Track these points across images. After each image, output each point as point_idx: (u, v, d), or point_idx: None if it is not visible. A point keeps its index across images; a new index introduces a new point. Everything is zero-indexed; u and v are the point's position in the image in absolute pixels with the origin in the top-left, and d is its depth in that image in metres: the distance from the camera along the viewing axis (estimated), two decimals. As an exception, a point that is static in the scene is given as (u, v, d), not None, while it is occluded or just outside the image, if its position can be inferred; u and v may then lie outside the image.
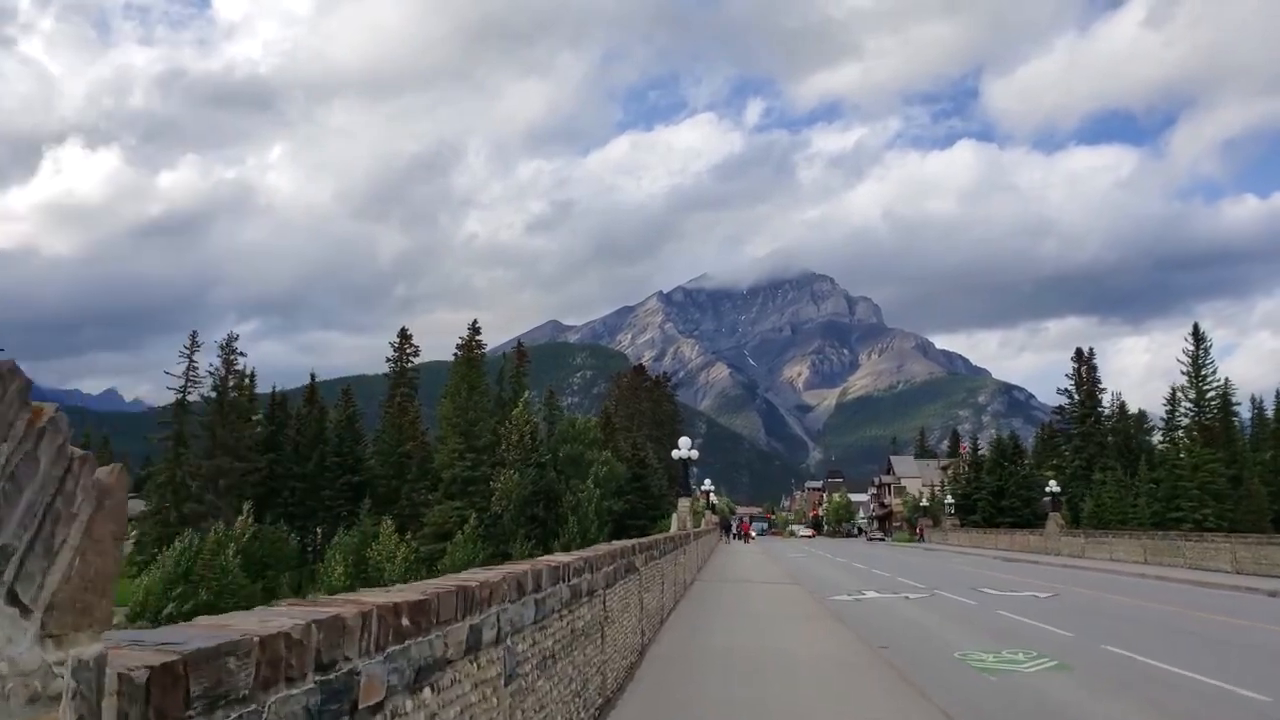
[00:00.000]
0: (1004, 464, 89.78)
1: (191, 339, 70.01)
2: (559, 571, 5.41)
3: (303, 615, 2.32)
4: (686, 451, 28.56)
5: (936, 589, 24.43)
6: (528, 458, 65.68)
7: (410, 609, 2.90)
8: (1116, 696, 9.59)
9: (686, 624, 14.21)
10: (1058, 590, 24.11)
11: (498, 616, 4.00)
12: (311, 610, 2.44)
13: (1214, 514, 68.09)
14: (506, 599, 4.17)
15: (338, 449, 74.79)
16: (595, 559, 6.85)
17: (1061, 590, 24.24)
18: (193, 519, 65.14)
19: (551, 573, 5.20)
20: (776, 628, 14.26)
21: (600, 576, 7.16)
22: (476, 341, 69.61)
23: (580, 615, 6.20)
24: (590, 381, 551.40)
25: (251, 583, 61.40)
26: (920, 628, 15.94)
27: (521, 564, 5.06)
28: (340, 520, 69.87)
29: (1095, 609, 19.76)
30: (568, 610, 5.72)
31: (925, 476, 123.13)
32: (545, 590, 5.02)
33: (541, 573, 4.93)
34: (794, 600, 19.90)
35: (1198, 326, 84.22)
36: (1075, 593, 23.90)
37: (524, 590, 4.52)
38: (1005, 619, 17.14)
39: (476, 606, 3.66)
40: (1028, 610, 18.67)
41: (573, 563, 5.92)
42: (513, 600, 4.30)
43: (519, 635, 4.44)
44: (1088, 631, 14.81)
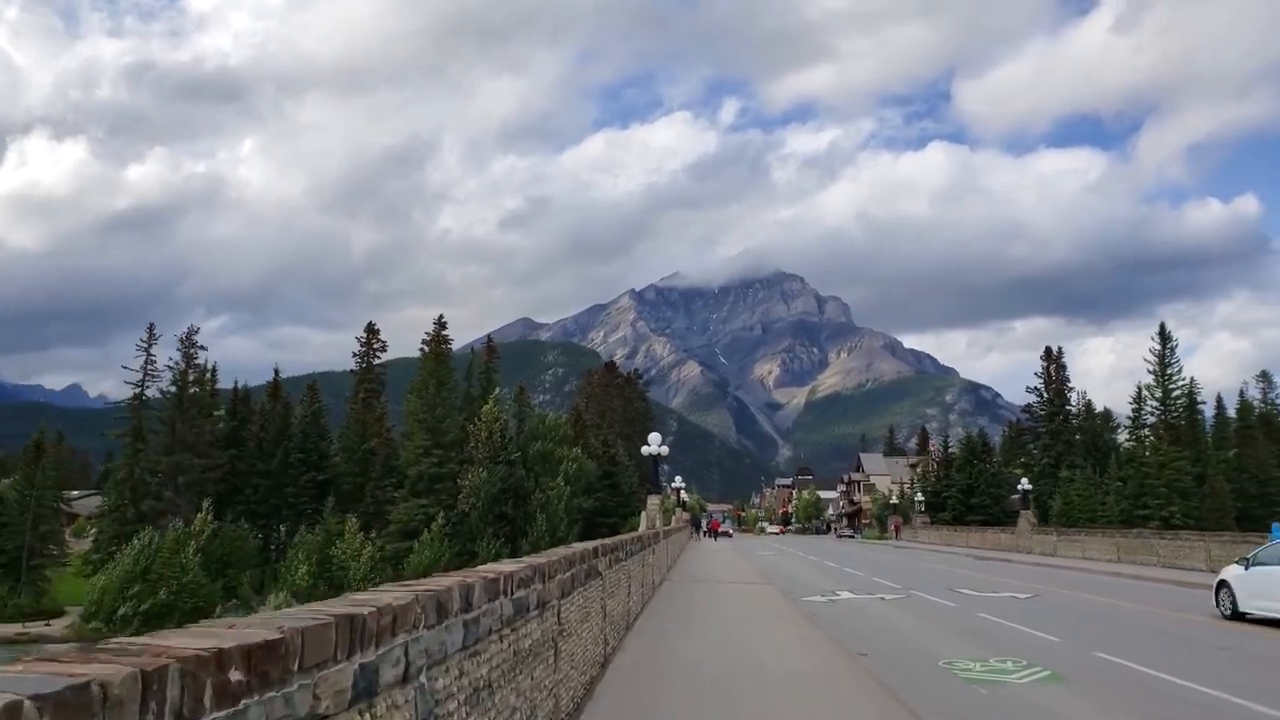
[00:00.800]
0: (974, 462, 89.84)
1: (149, 332, 68.27)
2: (498, 584, 4.56)
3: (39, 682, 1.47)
4: (656, 447, 27.51)
5: (912, 589, 23.77)
6: (496, 455, 64.68)
7: (249, 655, 2.06)
8: (1121, 713, 8.90)
9: (654, 629, 13.41)
10: (1038, 591, 23.50)
11: (405, 648, 3.16)
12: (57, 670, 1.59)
13: (1180, 511, 68.46)
14: (420, 624, 3.33)
15: (302, 445, 73.36)
16: (547, 566, 6.00)
17: (1041, 591, 23.64)
18: (151, 516, 63.60)
19: (488, 586, 4.35)
20: (749, 633, 13.48)
21: (554, 585, 6.31)
22: (443, 336, 68.47)
23: (527, 632, 5.36)
24: (562, 379, 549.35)
25: (212, 581, 60.08)
26: (899, 632, 15.22)
27: (447, 577, 4.20)
28: (304, 518, 68.61)
29: (1077, 611, 19.16)
30: (510, 629, 4.88)
31: (894, 474, 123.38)
32: (479, 608, 4.17)
33: (474, 587, 4.08)
34: (766, 602, 19.15)
35: (1164, 326, 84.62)
36: (1055, 593, 23.32)
37: (448, 611, 3.67)
38: (987, 622, 16.45)
39: (370, 639, 2.81)
40: (1009, 612, 18.02)
41: (518, 572, 5.07)
42: (431, 625, 3.45)
43: (440, 667, 3.60)
44: (1074, 636, 14.15)
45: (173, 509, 64.98)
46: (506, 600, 4.76)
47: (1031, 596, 21.93)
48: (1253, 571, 17.50)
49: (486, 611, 4.33)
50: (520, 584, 5.11)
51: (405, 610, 3.15)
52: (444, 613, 3.62)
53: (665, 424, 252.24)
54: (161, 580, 58.48)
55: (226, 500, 68.60)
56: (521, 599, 5.14)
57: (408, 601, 3.19)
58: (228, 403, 75.74)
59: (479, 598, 4.18)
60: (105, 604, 55.66)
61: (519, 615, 5.08)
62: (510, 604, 4.85)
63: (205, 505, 62.19)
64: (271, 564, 66.95)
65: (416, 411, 65.46)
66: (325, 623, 2.49)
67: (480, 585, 4.19)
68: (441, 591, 3.60)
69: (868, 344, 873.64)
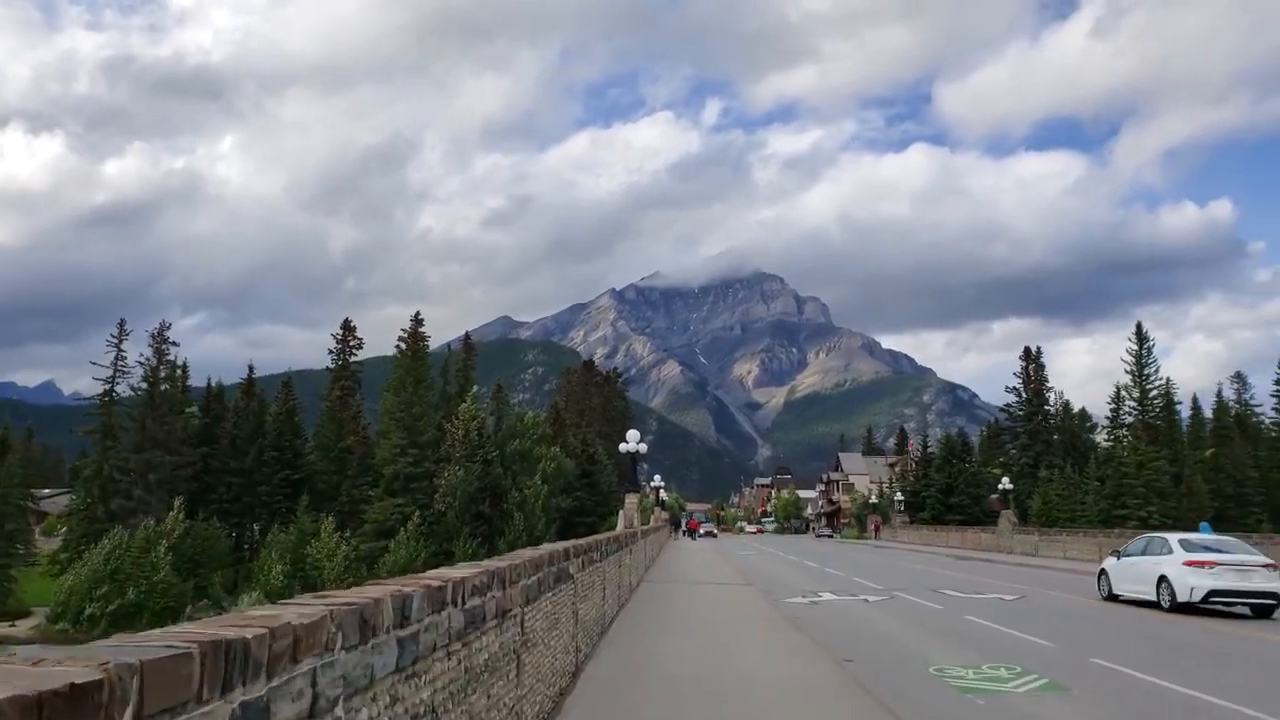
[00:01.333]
0: (953, 461, 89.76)
1: (120, 327, 67.03)
2: (444, 593, 3.95)
3: None
4: (635, 445, 26.73)
5: (895, 590, 23.26)
6: (473, 454, 63.88)
7: (42, 708, 1.46)
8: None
9: (630, 635, 12.81)
10: (1023, 592, 23.00)
11: (312, 677, 2.56)
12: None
13: (1158, 511, 68.54)
14: (336, 645, 2.73)
15: (276, 443, 72.26)
16: (508, 570, 5.39)
17: (1027, 592, 23.15)
18: (121, 515, 62.46)
19: (431, 596, 3.74)
20: (730, 639, 12.88)
21: (517, 592, 5.70)
22: (420, 334, 67.55)
23: (483, 646, 4.75)
24: (542, 378, 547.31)
25: (183, 581, 59.04)
26: (885, 636, 14.65)
27: (379, 586, 3.58)
28: (278, 517, 67.61)
29: (1066, 613, 18.68)
30: (461, 643, 4.27)
31: (873, 474, 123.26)
32: (418, 623, 3.57)
33: (411, 598, 3.47)
34: (747, 604, 18.59)
35: (1140, 326, 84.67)
36: (1041, 594, 22.85)
37: (375, 628, 3.07)
38: (975, 625, 15.90)
39: (256, 670, 2.21)
40: (996, 615, 17.50)
41: (470, 578, 4.46)
42: (351, 645, 2.85)
43: (364, 695, 3.00)
44: (1068, 641, 13.63)
45: (143, 507, 63.81)
46: (456, 611, 4.16)
47: (1018, 598, 21.44)
48: (1122, 561, 21.87)
49: (429, 625, 3.72)
50: (474, 591, 4.51)
51: (313, 630, 2.54)
52: (369, 630, 3.01)
53: (645, 423, 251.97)
54: (130, 580, 57.38)
55: (199, 498, 67.49)
56: (475, 609, 4.54)
57: (316, 619, 2.58)
58: (202, 400, 74.64)
59: (419, 609, 3.57)
60: (72, 604, 54.59)
61: (472, 627, 4.47)
62: (461, 615, 4.25)
63: (176, 503, 61.10)
64: (245, 563, 65.91)
65: (393, 409, 64.55)
66: (181, 653, 1.88)
67: (420, 595, 3.58)
68: (366, 605, 2.99)
69: (846, 344, 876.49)
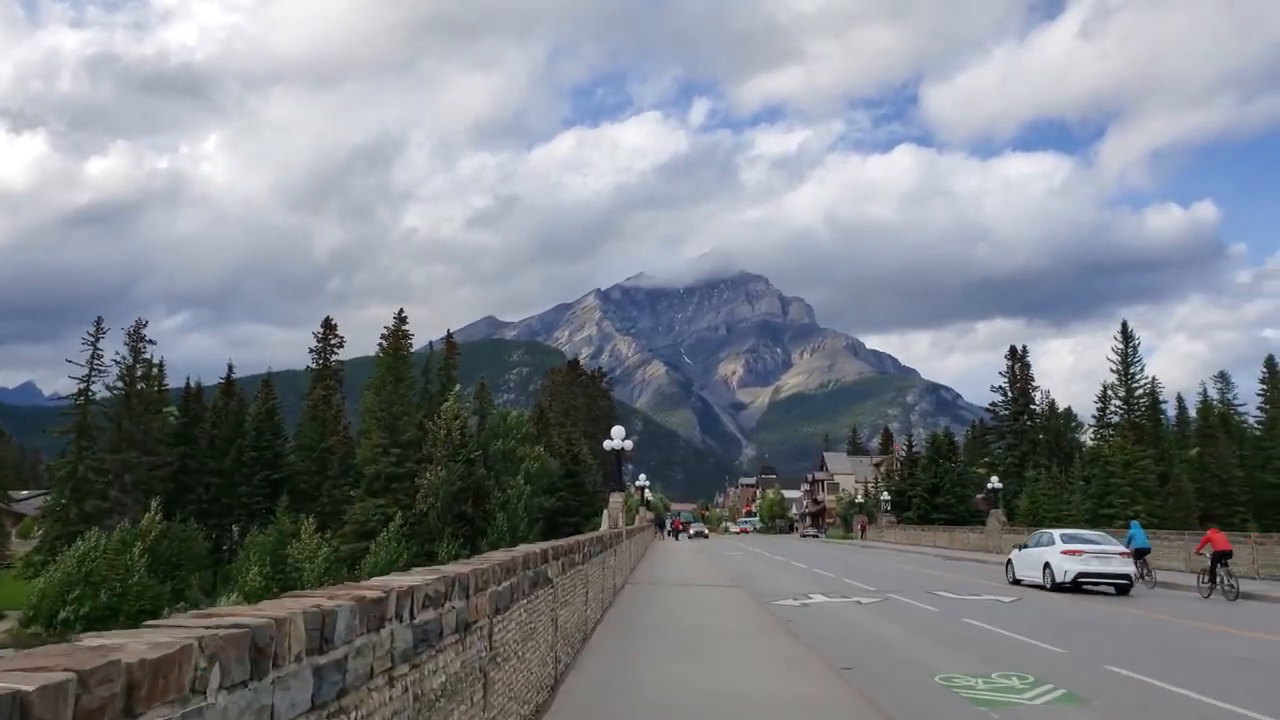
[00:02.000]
0: (939, 461, 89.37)
1: (96, 325, 65.76)
2: (383, 607, 3.20)
3: None
4: (619, 442, 25.82)
5: (888, 592, 22.54)
6: (456, 453, 62.95)
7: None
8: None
9: (614, 642, 12.05)
10: (1020, 594, 22.37)
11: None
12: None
13: (1144, 510, 68.24)
14: (206, 686, 1.98)
15: (256, 443, 71.12)
16: (472, 577, 4.63)
17: (1023, 594, 22.52)
18: (96, 516, 61.27)
19: (363, 612, 2.99)
20: (721, 645, 12.11)
21: (484, 600, 4.95)
22: (403, 332, 66.54)
23: (440, 666, 4.00)
24: (526, 379, 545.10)
25: (159, 584, 57.96)
26: (884, 641, 13.90)
27: (292, 600, 2.83)
28: (258, 518, 66.55)
29: (1067, 616, 17.92)
30: (410, 665, 3.52)
31: (859, 473, 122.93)
32: (345, 645, 2.82)
33: (334, 615, 2.72)
34: (736, 607, 17.83)
35: (1126, 325, 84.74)
36: (1037, 596, 22.20)
37: (274, 658, 2.32)
38: (976, 630, 15.21)
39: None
40: (996, 617, 16.81)
41: (421, 587, 3.70)
42: (235, 684, 2.11)
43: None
44: (1077, 646, 12.94)
45: (119, 508, 62.63)
46: (402, 627, 3.40)
47: (1015, 600, 20.78)
48: (1022, 552, 26.92)
49: (362, 648, 2.97)
50: (427, 603, 3.75)
51: (163, 668, 1.79)
52: (266, 659, 2.26)
53: (630, 423, 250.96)
54: (105, 583, 56.25)
55: (177, 499, 66.37)
56: (429, 623, 3.78)
57: (171, 652, 1.83)
58: (180, 400, 73.47)
59: (347, 629, 2.82)
60: (45, 607, 53.47)
61: (425, 645, 3.72)
62: (409, 632, 3.49)
63: (153, 504, 59.97)
64: (224, 565, 64.79)
65: (373, 409, 63.52)
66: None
67: (348, 611, 2.83)
68: (261, 627, 2.24)
69: (830, 345, 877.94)
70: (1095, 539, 25.12)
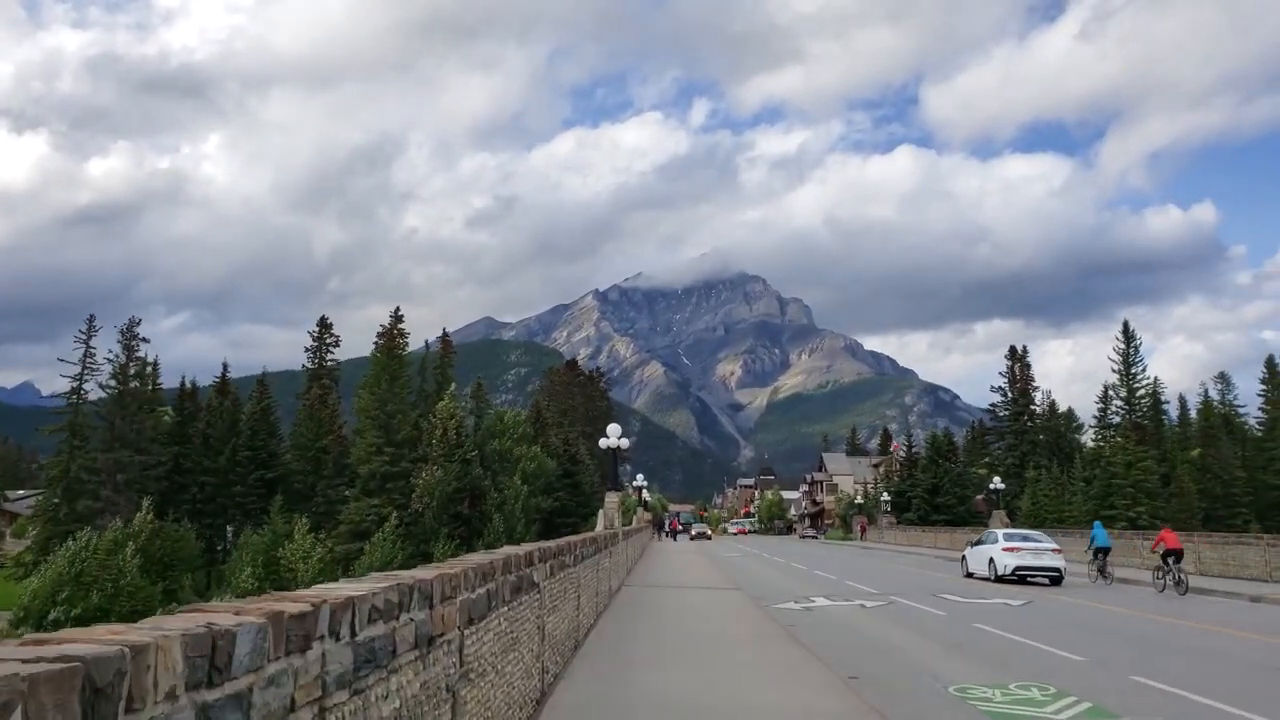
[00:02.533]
0: (939, 461, 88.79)
1: (89, 323, 65.10)
2: (307, 623, 2.59)
3: None
4: (616, 440, 25.08)
5: (892, 595, 21.91)
6: (451, 453, 62.30)
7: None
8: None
9: (609, 649, 11.44)
10: (1029, 597, 21.66)
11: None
12: None
13: (1147, 511, 67.77)
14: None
15: (250, 443, 70.45)
16: (436, 584, 4.02)
17: (1032, 597, 21.84)
18: (88, 516, 60.60)
19: (277, 630, 2.38)
20: (721, 652, 11.50)
21: (454, 610, 4.34)
22: (398, 330, 65.89)
23: (393, 689, 3.39)
24: (524, 379, 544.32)
25: (151, 584, 57.28)
26: (891, 647, 13.26)
27: (174, 620, 2.22)
28: (252, 518, 65.92)
29: (1081, 621, 17.24)
30: (350, 692, 2.91)
31: (857, 474, 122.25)
32: (251, 673, 2.22)
33: (227, 639, 2.12)
34: (736, 611, 17.21)
35: (1128, 325, 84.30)
36: (1047, 599, 21.51)
37: (128, 699, 1.72)
38: (987, 635, 14.56)
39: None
40: (1007, 622, 16.15)
41: (370, 596, 3.10)
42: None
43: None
44: (1097, 653, 12.28)
45: (111, 508, 61.96)
46: (338, 646, 2.80)
47: (1025, 603, 20.07)
48: (973, 550, 30.26)
49: (277, 675, 2.36)
50: (375, 615, 3.15)
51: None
52: (113, 701, 1.66)
53: (628, 424, 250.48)
54: (95, 583, 55.60)
55: (170, 499, 65.71)
56: (377, 640, 3.18)
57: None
58: (175, 399, 72.88)
59: (250, 653, 2.22)
60: (35, 608, 52.75)
61: (370, 666, 3.11)
62: (349, 651, 2.89)
63: (145, 504, 59.31)
64: (217, 565, 64.11)
65: (368, 407, 62.86)
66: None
67: (253, 630, 2.23)
68: (103, 658, 1.64)
69: (829, 345, 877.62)
70: (1034, 537, 28.55)
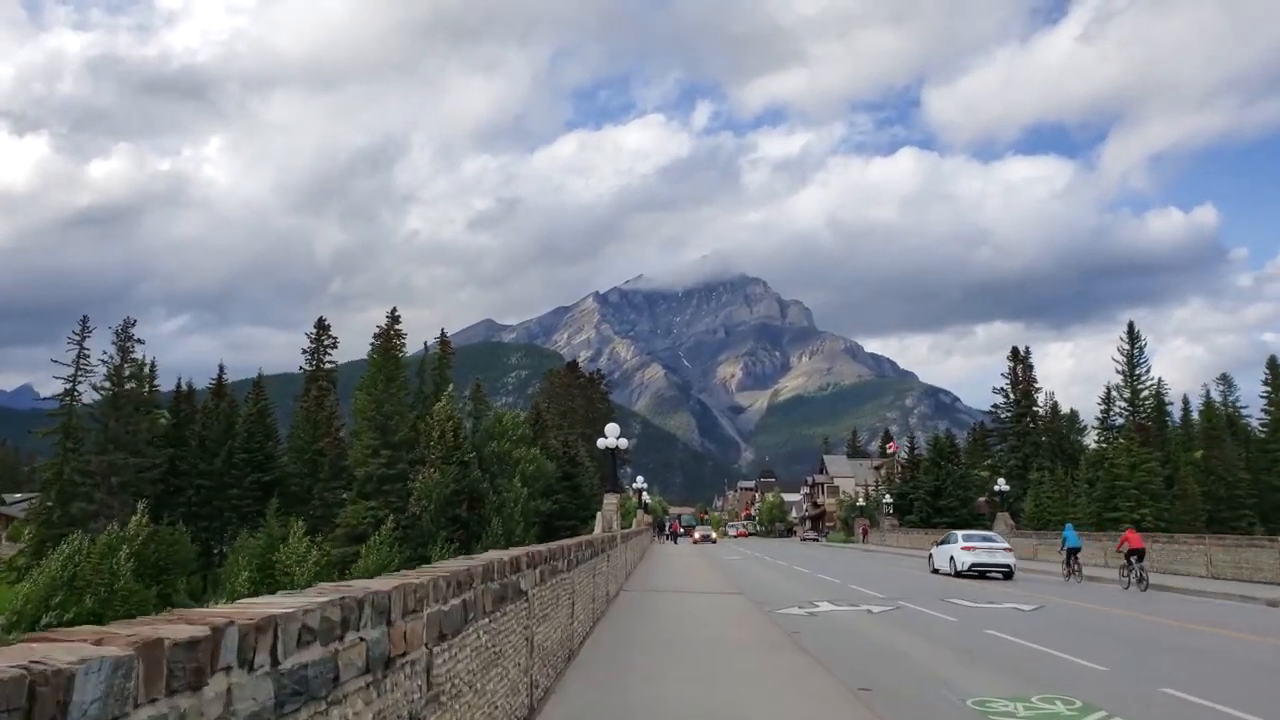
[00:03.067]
0: (941, 463, 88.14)
1: (82, 324, 64.49)
2: (197, 652, 1.98)
3: None
4: (614, 440, 24.21)
5: (899, 599, 21.27)
6: (449, 455, 61.65)
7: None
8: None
9: (605, 659, 10.82)
10: (1041, 602, 20.90)
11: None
12: None
13: (1151, 514, 67.06)
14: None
15: (246, 445, 69.85)
16: (394, 595, 3.41)
17: (1044, 602, 21.08)
18: (81, 519, 59.98)
19: (145, 666, 1.77)
20: (723, 661, 10.87)
21: (419, 625, 3.72)
22: (396, 330, 65.26)
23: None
24: (525, 382, 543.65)
25: (145, 588, 56.65)
26: (902, 656, 12.59)
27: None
28: (248, 520, 65.30)
29: (1099, 627, 16.54)
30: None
31: (858, 476, 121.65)
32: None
33: (62, 679, 1.51)
34: (739, 617, 16.58)
35: (1133, 325, 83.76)
36: (1060, 604, 20.81)
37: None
38: (1001, 642, 13.90)
39: None
40: (1021, 628, 15.50)
41: (295, 614, 2.47)
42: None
43: None
44: (1122, 663, 11.64)
45: (105, 511, 61.36)
46: (251, 679, 2.19)
47: (1036, 608, 19.38)
48: (937, 549, 34.18)
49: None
50: (307, 637, 2.54)
51: None
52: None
53: (628, 426, 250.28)
54: (89, 588, 54.96)
55: (166, 502, 65.15)
56: (309, 667, 2.56)
57: None
58: (172, 401, 72.30)
59: (102, 696, 1.61)
60: (28, 613, 52.07)
61: (300, 699, 2.50)
62: (266, 684, 2.28)
63: (140, 507, 58.68)
64: (214, 569, 63.46)
65: (364, 409, 62.19)
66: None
67: (107, 667, 1.62)
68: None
69: (829, 348, 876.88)
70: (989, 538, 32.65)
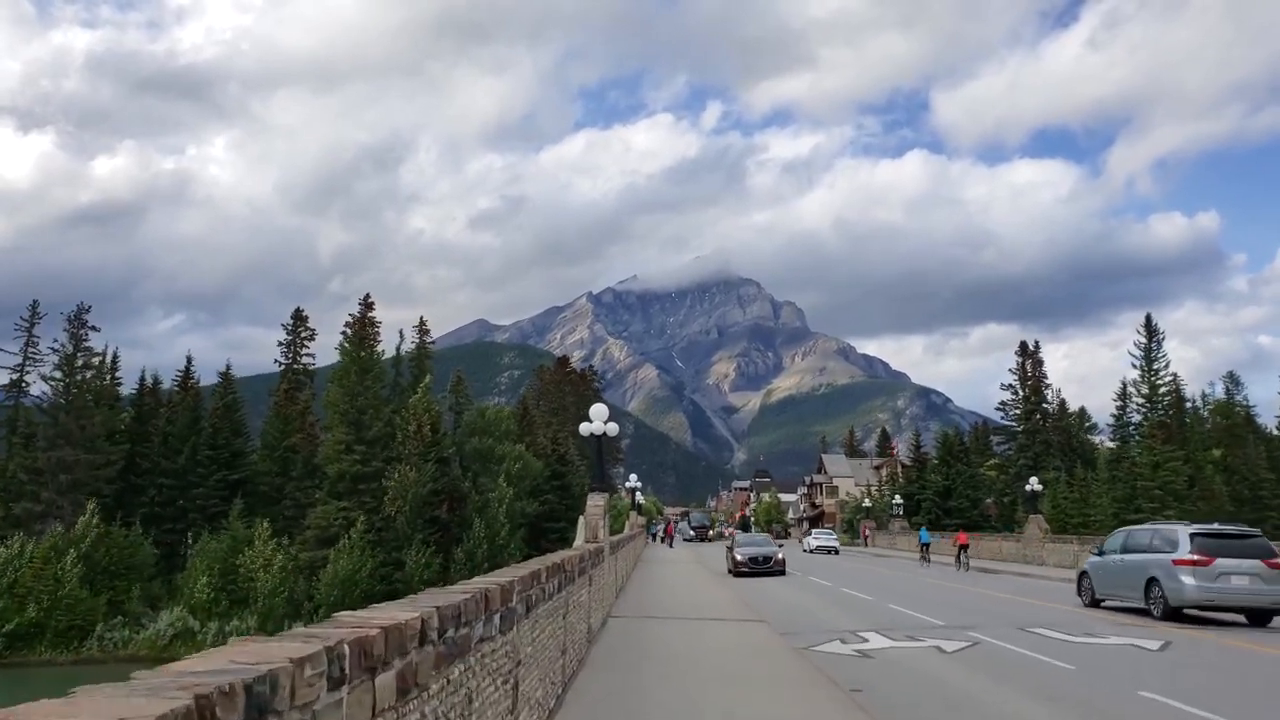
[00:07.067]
0: (950, 462, 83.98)
1: (32, 310, 59.70)
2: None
3: None
4: (601, 425, 19.31)
5: (967, 628, 16.39)
6: (427, 452, 57.08)
7: None
8: None
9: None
10: (1168, 638, 15.17)
11: None
12: None
13: (1175, 514, 63.32)
14: None
15: (212, 441, 65.02)
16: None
17: (1172, 637, 15.40)
18: (25, 520, 55.23)
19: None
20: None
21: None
22: (369, 319, 60.51)
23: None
24: (517, 382, 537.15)
25: (94, 596, 52.01)
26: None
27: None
28: (213, 522, 60.62)
29: (1261, 670, 12.02)
30: None
31: (858, 476, 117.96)
32: None
33: None
34: (768, 661, 11.91)
35: (1150, 318, 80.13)
36: (1187, 639, 15.38)
37: None
38: (1162, 710, 9.12)
39: None
40: (1167, 681, 10.46)
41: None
42: None
43: None
44: None
45: (54, 511, 56.63)
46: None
47: (1163, 645, 14.24)
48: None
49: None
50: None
51: None
52: None
53: (622, 426, 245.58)
54: (31, 595, 50.36)
55: (124, 502, 60.49)
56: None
57: None
58: (136, 395, 67.62)
59: None
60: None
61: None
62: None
63: (90, 507, 54.01)
64: (172, 574, 58.62)
65: (337, 402, 57.47)
66: None
67: None
68: None
69: (822, 348, 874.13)
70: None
